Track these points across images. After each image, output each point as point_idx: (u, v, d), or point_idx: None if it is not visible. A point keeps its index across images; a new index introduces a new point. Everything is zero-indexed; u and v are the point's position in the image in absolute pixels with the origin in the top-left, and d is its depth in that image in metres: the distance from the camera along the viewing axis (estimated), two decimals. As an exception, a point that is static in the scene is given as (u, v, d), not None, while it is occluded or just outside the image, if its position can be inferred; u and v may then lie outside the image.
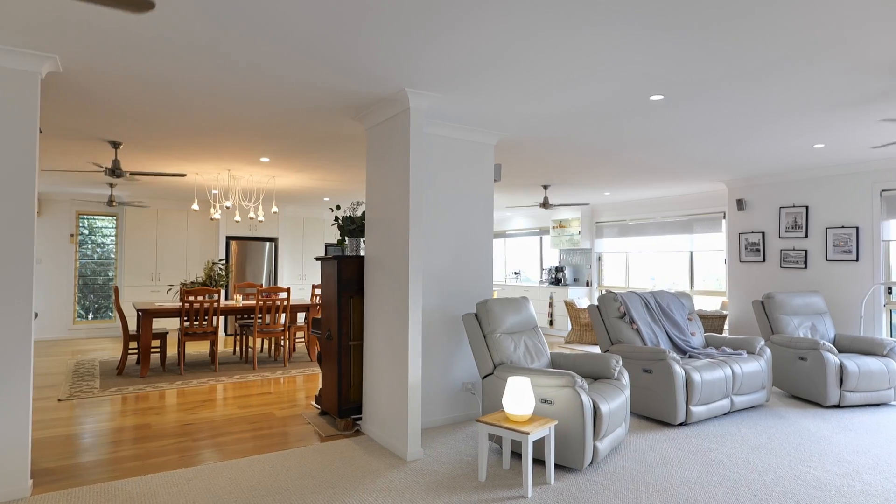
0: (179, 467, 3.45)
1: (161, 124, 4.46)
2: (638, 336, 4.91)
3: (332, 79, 3.42)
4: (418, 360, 3.65)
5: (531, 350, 4.04)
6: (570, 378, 3.37)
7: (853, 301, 5.90)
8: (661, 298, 5.37)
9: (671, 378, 4.30)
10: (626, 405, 3.79)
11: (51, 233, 9.03)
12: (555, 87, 3.53)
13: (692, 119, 4.25)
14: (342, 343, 4.26)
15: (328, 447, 3.83)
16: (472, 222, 4.66)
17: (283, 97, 3.76)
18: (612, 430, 3.59)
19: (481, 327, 3.93)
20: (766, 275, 6.69)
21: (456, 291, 4.54)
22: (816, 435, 4.17)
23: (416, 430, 3.63)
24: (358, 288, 4.33)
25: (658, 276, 9.12)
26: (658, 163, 5.96)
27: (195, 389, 5.55)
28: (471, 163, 4.66)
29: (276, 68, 3.23)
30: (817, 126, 4.44)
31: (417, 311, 3.65)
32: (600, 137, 4.86)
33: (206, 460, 3.58)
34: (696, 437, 4.09)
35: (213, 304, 6.35)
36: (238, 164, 6.14)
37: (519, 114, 4.16)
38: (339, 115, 4.23)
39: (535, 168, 6.29)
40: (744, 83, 3.44)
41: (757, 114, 4.10)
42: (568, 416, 3.36)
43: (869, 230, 5.80)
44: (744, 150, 5.31)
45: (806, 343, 5.12)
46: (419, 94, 3.64)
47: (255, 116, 4.24)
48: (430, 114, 4.17)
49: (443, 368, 4.44)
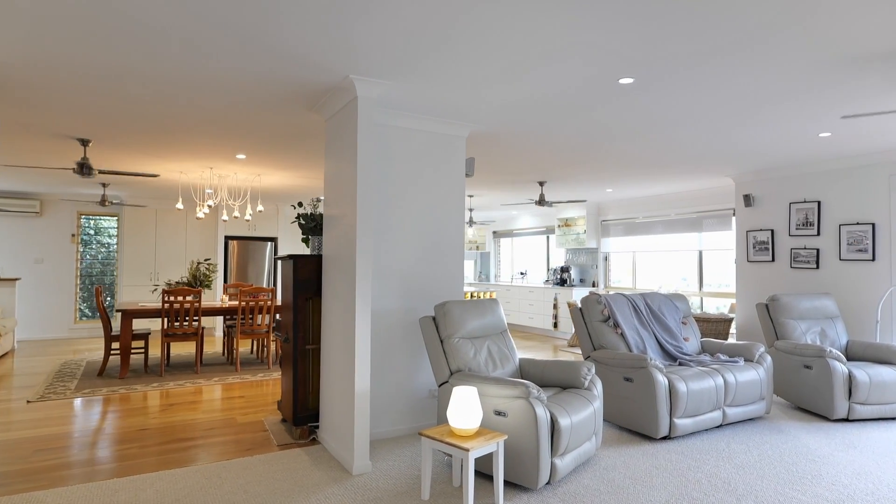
0: (112, 477, 3.28)
1: (118, 120, 4.33)
2: (622, 341, 4.56)
3: (275, 67, 3.20)
4: (366, 367, 3.40)
5: (495, 356, 3.75)
6: (523, 388, 3.08)
7: (869, 304, 5.42)
8: (652, 301, 5.00)
9: (652, 387, 3.95)
10: (596, 418, 3.47)
11: (52, 233, 9.10)
12: (512, 70, 3.24)
13: (669, 105, 3.89)
14: (298, 347, 4.05)
15: (276, 457, 3.62)
16: (441, 219, 4.39)
17: (232, 88, 3.56)
18: (576, 445, 3.28)
19: (438, 331, 3.66)
20: (776, 275, 6.22)
21: (422, 292, 4.28)
22: (815, 453, 3.77)
23: (364, 442, 3.38)
24: (316, 289, 4.11)
25: (666, 277, 8.67)
26: (651, 156, 5.58)
27: (169, 392, 5.43)
28: (440, 156, 4.39)
29: (219, 58, 3.03)
30: (817, 112, 4.03)
31: (365, 314, 3.41)
32: (577, 128, 4.53)
33: (144, 470, 3.40)
34: (678, 454, 3.74)
35: (193, 305, 6.23)
36: (218, 161, 6.00)
37: (486, 102, 3.87)
38: (296, 107, 4.02)
39: (519, 163, 5.97)
40: (719, 61, 3.08)
41: (741, 98, 3.73)
42: (522, 430, 3.07)
43: (886, 227, 5.31)
44: (741, 140, 4.90)
45: (811, 350, 4.68)
46: (367, 81, 3.39)
47: (212, 110, 4.06)
48: (390, 104, 3.92)
49: (406, 374, 4.19)
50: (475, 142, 5.02)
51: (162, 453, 3.70)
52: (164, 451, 3.74)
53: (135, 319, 7.94)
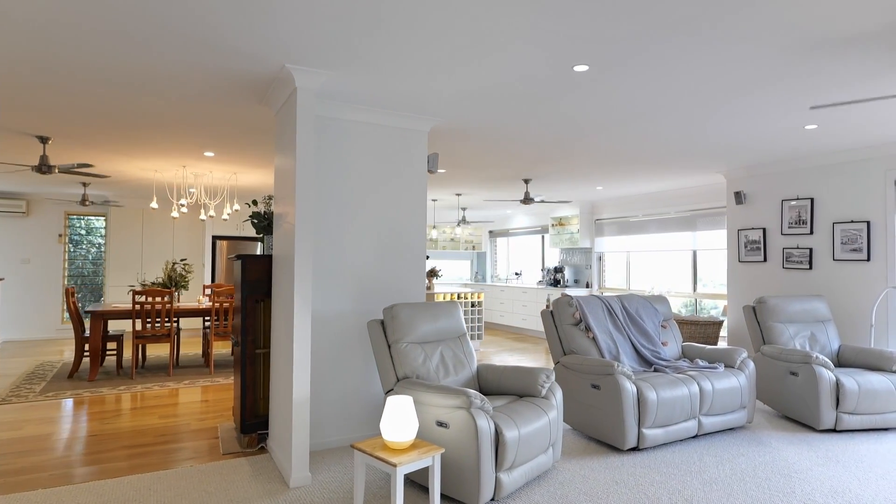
0: (37, 488, 3.12)
1: (70, 117, 4.19)
2: (594, 346, 4.33)
3: (210, 59, 3.03)
4: (305, 373, 3.21)
5: (448, 362, 3.54)
6: (464, 398, 2.87)
7: (863, 307, 5.11)
8: (629, 303, 4.76)
9: (619, 395, 3.72)
10: (551, 429, 3.24)
11: (39, 233, 9.06)
12: (458, 57, 3.04)
13: (631, 96, 3.65)
14: (247, 351, 3.87)
15: (217, 467, 3.45)
16: (401, 217, 4.19)
17: (175, 82, 3.40)
18: (526, 458, 3.06)
19: (386, 336, 3.46)
20: (768, 276, 5.93)
21: (380, 294, 4.09)
22: (793, 467, 3.51)
23: (303, 453, 3.19)
24: (267, 290, 3.94)
25: (661, 278, 8.39)
26: (629, 151, 5.33)
27: (134, 395, 5.29)
28: (400, 151, 4.20)
29: (155, 51, 2.86)
30: (790, 101, 3.77)
31: (305, 316, 3.22)
32: (540, 122, 4.30)
33: (73, 480, 3.25)
34: (644, 467, 3.50)
35: (165, 306, 6.10)
36: (188, 159, 5.86)
37: (441, 93, 3.67)
38: (245, 101, 3.84)
39: (494, 160, 5.75)
40: (675, 43, 2.85)
41: (707, 87, 3.48)
42: (463, 443, 2.86)
43: (882, 225, 5.00)
44: (718, 134, 4.63)
45: (797, 355, 4.41)
46: (305, 70, 3.21)
47: (160, 105, 3.90)
48: (344, 97, 3.73)
49: (362, 380, 3.99)
50: (442, 137, 4.81)
51: (100, 462, 3.55)
52: (103, 460, 3.58)
53: (111, 321, 7.83)
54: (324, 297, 3.86)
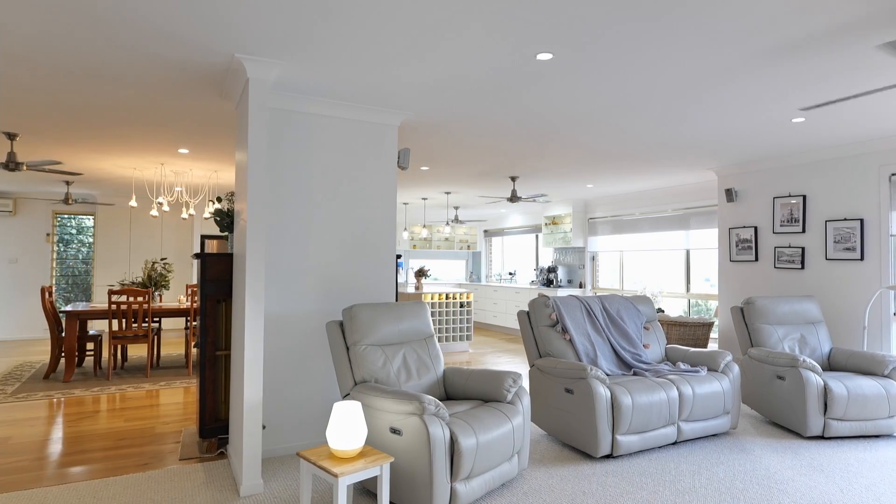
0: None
1: (35, 111, 4.08)
2: (571, 348, 4.16)
3: (157, 49, 2.90)
4: (257, 376, 3.08)
5: (411, 365, 3.39)
6: (417, 404, 2.72)
7: (857, 308, 4.92)
8: (610, 304, 4.59)
9: (591, 400, 3.55)
10: (515, 436, 3.09)
11: (27, 232, 9.00)
12: (417, 45, 2.89)
13: (599, 86, 3.48)
14: (208, 353, 3.75)
15: (169, 474, 3.32)
16: (369, 214, 4.05)
17: (128, 75, 3.28)
18: (487, 467, 2.91)
19: (345, 338, 3.32)
20: (759, 276, 5.74)
21: (347, 294, 3.94)
22: (775, 476, 3.33)
23: (254, 460, 3.06)
24: (229, 290, 3.81)
25: (653, 278, 8.20)
26: (609, 147, 5.15)
27: (107, 397, 5.18)
28: (368, 146, 4.05)
29: (101, 42, 2.74)
30: (777, 92, 3.59)
31: (257, 317, 3.08)
32: (510, 116, 4.14)
33: (19, 486, 3.12)
34: (616, 476, 3.33)
35: (142, 306, 6.00)
36: (165, 157, 5.75)
37: (407, 85, 3.52)
38: (205, 94, 3.72)
39: (474, 156, 5.59)
40: (641, 27, 2.68)
41: (677, 78, 3.31)
42: (416, 451, 2.71)
43: (875, 223, 4.80)
44: (703, 128, 4.45)
45: (784, 359, 4.23)
46: (257, 61, 3.07)
47: (120, 99, 3.78)
48: (307, 90, 3.59)
49: (326, 382, 3.85)
50: (416, 132, 4.66)
51: (53, 467, 3.43)
52: (54, 465, 3.46)
53: (94, 320, 7.74)
54: (286, 297, 3.73)
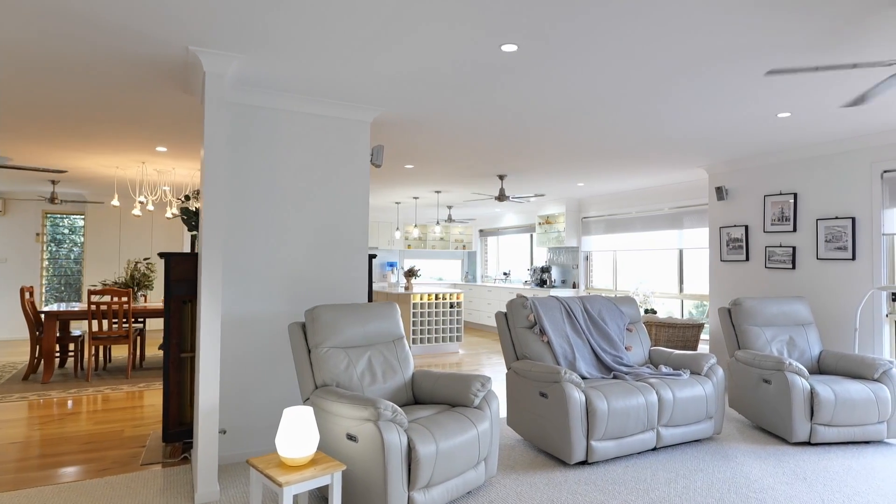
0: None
1: (3, 108, 4.01)
2: (549, 350, 4.04)
3: (110, 42, 2.80)
4: (214, 380, 2.98)
5: (376, 369, 3.28)
6: (372, 409, 2.61)
7: (849, 309, 4.77)
8: (591, 305, 4.46)
9: (565, 405, 3.43)
10: (481, 442, 2.97)
11: (16, 232, 8.96)
12: (379, 37, 2.78)
13: (568, 79, 3.36)
14: (171, 355, 3.65)
15: (129, 479, 3.22)
16: (341, 212, 3.95)
17: (84, 69, 3.19)
18: (449, 475, 2.79)
19: (307, 340, 3.21)
20: (750, 276, 5.60)
21: (316, 294, 3.84)
22: (754, 485, 3.20)
23: (209, 466, 2.96)
24: (195, 290, 3.71)
25: (647, 278, 8.05)
26: (590, 143, 5.02)
27: (83, 398, 5.10)
28: (338, 142, 3.95)
29: (55, 34, 2.65)
30: (755, 81, 3.46)
31: (213, 318, 2.99)
32: (480, 111, 4.03)
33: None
34: (588, 484, 3.21)
35: (122, 307, 5.92)
36: (145, 155, 5.67)
37: (374, 80, 3.41)
38: (168, 89, 3.62)
39: (454, 153, 5.47)
40: (601, 11, 2.56)
41: (652, 64, 3.18)
42: (371, 459, 2.60)
43: (867, 221, 4.65)
44: (683, 123, 4.31)
45: (769, 361, 4.09)
46: (214, 54, 2.97)
47: (83, 94, 3.69)
48: (275, 85, 3.48)
49: (293, 386, 3.75)
50: (393, 129, 4.55)
51: (7, 472, 3.35)
52: (10, 470, 3.38)
53: (75, 321, 7.69)
54: (253, 298, 3.63)
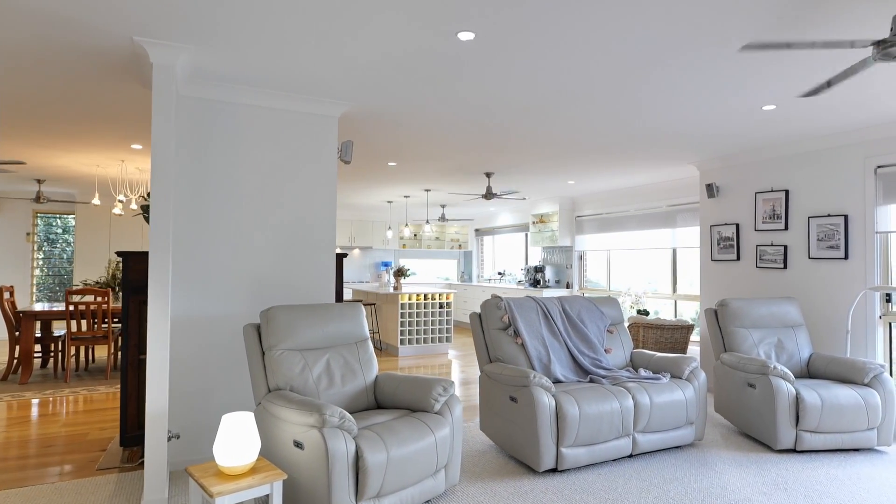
0: None
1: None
2: (523, 352, 3.90)
3: (52, 33, 2.70)
4: (162, 383, 2.87)
5: (334, 372, 3.16)
6: (318, 416, 2.48)
7: (841, 310, 4.58)
8: (570, 306, 4.31)
9: (533, 410, 3.29)
10: (439, 450, 2.83)
11: (6, 232, 8.93)
12: (333, 26, 2.65)
13: (533, 70, 3.21)
14: (129, 357, 3.55)
15: (79, 485, 3.12)
16: (307, 209, 3.83)
17: (33, 62, 3.09)
18: (403, 484, 2.66)
19: (261, 342, 3.09)
20: (741, 276, 5.42)
21: (279, 295, 3.72)
22: (731, 496, 3.04)
23: (158, 473, 2.85)
24: (154, 290, 3.60)
25: (640, 278, 7.88)
26: (575, 139, 4.87)
27: (56, 400, 5.02)
28: (304, 138, 3.83)
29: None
30: (731, 69, 3.30)
31: (161, 320, 2.88)
32: (448, 104, 3.88)
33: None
34: (554, 493, 3.07)
35: (100, 307, 5.84)
36: (123, 153, 5.59)
37: (337, 72, 3.29)
38: (126, 83, 3.51)
39: (433, 150, 5.33)
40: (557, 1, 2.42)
41: (620, 51, 3.03)
42: (316, 467, 2.48)
43: (860, 219, 4.47)
44: (668, 116, 4.15)
45: (754, 365, 3.92)
46: (160, 45, 2.86)
47: (48, 91, 3.60)
48: (236, 79, 3.37)
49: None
50: (364, 125, 4.42)
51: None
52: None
53: (57, 321, 7.64)
54: (211, 299, 3.52)
